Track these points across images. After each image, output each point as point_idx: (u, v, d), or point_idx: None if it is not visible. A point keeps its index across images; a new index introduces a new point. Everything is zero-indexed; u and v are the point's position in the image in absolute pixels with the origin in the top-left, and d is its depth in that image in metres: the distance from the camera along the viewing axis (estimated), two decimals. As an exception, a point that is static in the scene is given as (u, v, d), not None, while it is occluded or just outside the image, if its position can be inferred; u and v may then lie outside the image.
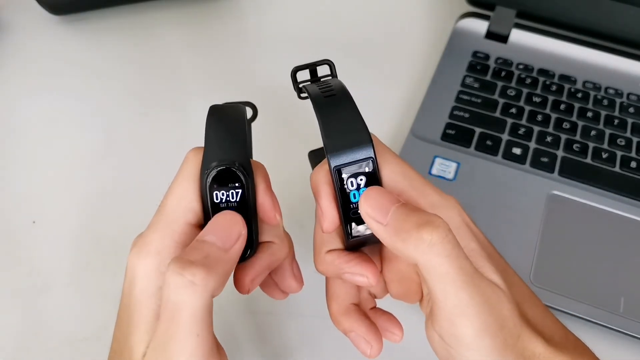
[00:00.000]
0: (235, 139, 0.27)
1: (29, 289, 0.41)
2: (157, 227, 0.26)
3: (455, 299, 0.24)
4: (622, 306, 0.39)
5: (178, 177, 0.27)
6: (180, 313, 0.23)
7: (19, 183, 0.47)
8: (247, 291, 0.29)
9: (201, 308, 0.23)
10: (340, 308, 0.30)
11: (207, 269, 0.23)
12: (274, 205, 0.28)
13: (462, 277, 0.24)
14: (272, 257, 0.29)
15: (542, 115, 0.50)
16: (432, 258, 0.24)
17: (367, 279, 0.28)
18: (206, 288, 0.23)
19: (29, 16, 0.59)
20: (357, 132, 0.26)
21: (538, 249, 0.42)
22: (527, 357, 0.25)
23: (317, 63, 0.29)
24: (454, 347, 0.25)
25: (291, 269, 0.31)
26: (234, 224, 0.25)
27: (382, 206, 0.25)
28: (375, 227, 0.25)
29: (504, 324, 0.25)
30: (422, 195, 0.27)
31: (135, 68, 0.55)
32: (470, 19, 0.57)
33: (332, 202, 0.27)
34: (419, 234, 0.24)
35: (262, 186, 0.28)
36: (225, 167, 0.26)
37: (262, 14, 0.61)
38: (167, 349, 0.23)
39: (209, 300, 0.23)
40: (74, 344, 0.38)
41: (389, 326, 0.30)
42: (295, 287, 0.31)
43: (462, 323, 0.24)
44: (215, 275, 0.23)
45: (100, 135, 0.50)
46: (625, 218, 0.43)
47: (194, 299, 0.23)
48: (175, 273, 0.23)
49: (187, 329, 0.23)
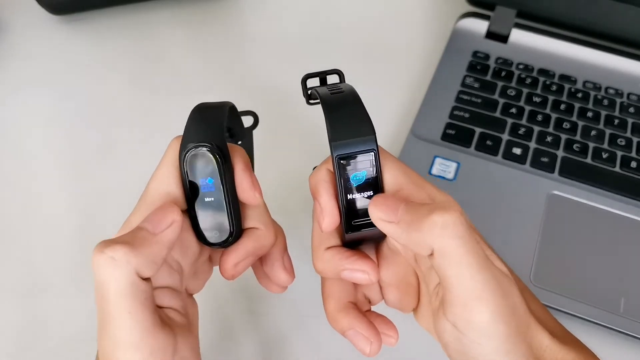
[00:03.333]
0: (211, 124, 0.28)
1: (29, 289, 0.41)
2: (139, 210, 0.27)
3: (471, 282, 0.24)
4: (622, 306, 0.39)
5: (161, 162, 0.28)
6: (108, 291, 0.24)
7: (19, 183, 0.47)
8: (231, 276, 0.29)
9: (126, 285, 0.24)
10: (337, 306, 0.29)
11: (128, 247, 0.24)
12: (253, 185, 0.28)
13: (477, 260, 0.24)
14: (257, 243, 0.29)
15: (542, 115, 0.50)
16: (447, 240, 0.24)
17: (368, 274, 0.27)
18: (128, 264, 0.24)
19: (29, 16, 0.59)
20: (361, 124, 0.26)
21: (538, 249, 0.42)
22: (535, 347, 0.25)
23: (327, 72, 0.30)
24: (468, 334, 0.24)
25: (281, 261, 0.31)
26: (168, 212, 0.26)
27: (390, 207, 0.26)
28: (389, 228, 0.26)
29: (515, 311, 0.25)
30: (421, 189, 0.27)
31: (135, 68, 0.55)
32: (470, 19, 0.57)
33: (332, 199, 0.27)
34: (431, 218, 0.24)
35: (239, 166, 0.28)
36: (200, 148, 0.27)
37: (262, 14, 0.61)
38: (105, 330, 0.24)
39: (133, 278, 0.24)
40: (74, 344, 0.38)
41: (384, 329, 0.30)
42: (285, 280, 0.31)
43: (477, 307, 0.24)
44: (138, 254, 0.24)
45: (100, 135, 0.50)
46: (625, 218, 0.43)
47: (116, 275, 0.23)
48: (97, 252, 0.24)
49: (117, 307, 0.24)
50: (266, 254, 0.31)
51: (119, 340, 0.24)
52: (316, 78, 0.30)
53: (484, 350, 0.24)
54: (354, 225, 0.27)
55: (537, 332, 0.25)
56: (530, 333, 0.25)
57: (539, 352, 0.25)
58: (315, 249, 0.29)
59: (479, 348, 0.24)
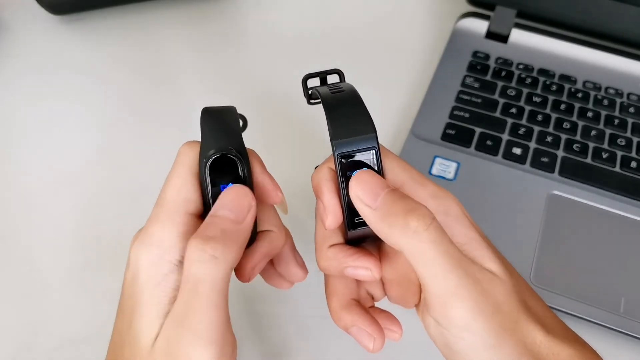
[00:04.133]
0: (229, 130, 0.28)
1: (29, 288, 0.41)
2: (158, 219, 0.27)
3: (443, 280, 0.24)
4: (622, 306, 0.39)
5: (174, 169, 0.28)
6: (203, 285, 0.24)
7: (19, 183, 0.47)
8: (248, 279, 0.29)
9: (221, 280, 0.24)
10: (341, 303, 0.30)
11: (225, 242, 0.24)
12: (274, 185, 0.29)
13: (449, 260, 0.24)
14: (271, 245, 0.30)
15: (542, 115, 0.50)
16: (417, 244, 0.24)
17: (371, 271, 0.28)
18: (226, 261, 0.24)
19: (29, 16, 0.59)
20: (361, 123, 0.27)
21: (538, 249, 0.42)
22: (528, 344, 0.25)
23: (327, 72, 0.30)
24: (450, 329, 0.25)
25: (294, 258, 0.32)
26: (244, 196, 0.26)
27: (372, 190, 0.26)
28: (364, 210, 0.26)
29: (498, 308, 0.25)
30: (422, 186, 0.28)
31: (135, 68, 0.55)
32: (470, 19, 0.57)
33: (335, 197, 0.27)
34: (405, 221, 0.24)
35: (258, 169, 0.29)
36: (222, 154, 0.27)
37: (262, 14, 0.61)
38: (187, 321, 0.24)
39: (228, 272, 0.25)
40: (74, 344, 0.38)
41: (388, 324, 0.30)
42: (301, 275, 0.32)
43: (453, 304, 0.25)
44: (233, 247, 0.25)
45: (100, 135, 0.50)
46: (625, 218, 0.43)
47: (215, 271, 0.24)
48: (197, 249, 0.24)
49: (208, 300, 0.24)
50: (278, 255, 0.31)
51: (200, 332, 0.24)
52: (317, 78, 0.30)
53: (466, 344, 0.25)
54: (356, 222, 0.28)
55: (529, 329, 0.25)
56: (520, 329, 0.25)
57: (533, 347, 0.25)
58: (318, 247, 0.29)
59: (462, 342, 0.25)
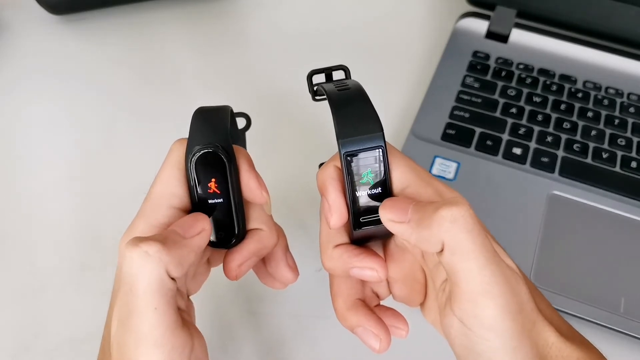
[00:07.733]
0: (217, 127, 0.28)
1: (28, 289, 0.41)
2: (144, 213, 0.27)
3: (478, 276, 0.24)
4: (622, 306, 0.39)
5: (163, 165, 0.28)
6: (137, 285, 0.24)
7: (19, 182, 0.47)
8: (235, 277, 0.29)
9: (156, 280, 0.24)
10: (346, 303, 0.29)
11: (161, 244, 0.24)
12: (259, 184, 0.29)
13: (485, 254, 0.24)
14: (260, 244, 0.29)
15: (542, 115, 0.50)
16: (456, 234, 0.24)
17: (377, 272, 0.27)
18: (160, 261, 0.24)
19: (28, 16, 0.59)
20: (368, 121, 0.26)
21: (538, 249, 0.42)
22: (540, 345, 0.25)
23: (333, 68, 0.30)
24: (475, 330, 0.24)
25: (285, 260, 0.31)
26: (199, 220, 0.27)
27: (400, 208, 0.26)
28: (399, 229, 0.26)
29: (522, 307, 0.25)
30: (429, 185, 0.27)
31: (135, 68, 0.55)
32: (470, 19, 0.57)
33: (340, 196, 0.27)
34: (439, 214, 0.24)
35: (244, 167, 0.28)
36: (207, 150, 0.27)
37: (262, 14, 0.61)
38: (129, 323, 0.24)
39: (163, 275, 0.24)
40: (74, 344, 0.38)
41: (394, 322, 0.30)
42: (291, 278, 0.31)
43: (485, 302, 0.24)
44: (170, 253, 0.24)
45: (99, 135, 0.50)
46: (625, 218, 0.43)
47: (148, 269, 0.24)
48: (130, 245, 0.24)
49: (145, 301, 0.24)
50: (269, 255, 0.31)
51: (142, 335, 0.24)
52: (322, 74, 0.30)
53: (490, 346, 0.24)
54: (361, 222, 0.27)
55: (543, 330, 0.25)
56: (536, 330, 0.25)
57: (544, 349, 0.25)
58: (323, 247, 0.29)
59: (486, 344, 0.24)
